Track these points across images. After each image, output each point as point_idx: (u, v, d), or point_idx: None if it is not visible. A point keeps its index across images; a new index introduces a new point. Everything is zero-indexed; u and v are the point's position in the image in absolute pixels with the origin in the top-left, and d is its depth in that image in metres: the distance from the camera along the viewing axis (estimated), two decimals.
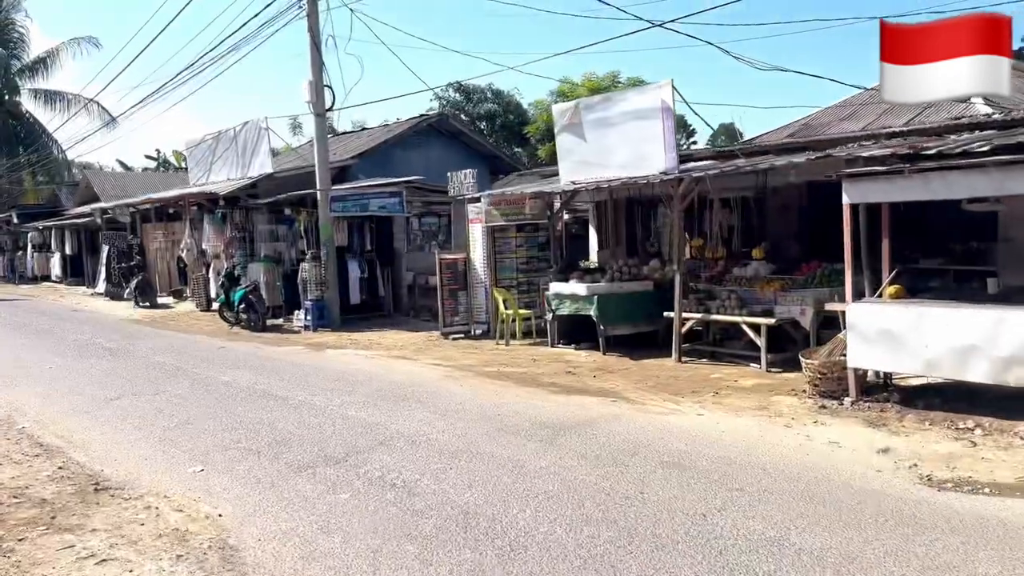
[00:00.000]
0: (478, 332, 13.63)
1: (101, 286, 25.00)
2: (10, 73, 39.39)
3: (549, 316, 11.87)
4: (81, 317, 19.25)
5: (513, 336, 12.60)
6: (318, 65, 14.96)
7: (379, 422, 7.59)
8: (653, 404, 8.15)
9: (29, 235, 32.49)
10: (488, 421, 7.52)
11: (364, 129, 21.39)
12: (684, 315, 10.27)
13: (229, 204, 18.02)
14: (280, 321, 16.24)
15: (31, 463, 6.73)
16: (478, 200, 13.42)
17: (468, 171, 13.44)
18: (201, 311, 19.10)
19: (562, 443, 6.67)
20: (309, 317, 15.15)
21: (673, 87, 9.90)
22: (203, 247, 18.95)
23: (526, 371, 10.25)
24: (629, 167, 10.65)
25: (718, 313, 10.09)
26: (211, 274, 19.07)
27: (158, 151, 50.82)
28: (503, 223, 13.06)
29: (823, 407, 7.63)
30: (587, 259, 14.05)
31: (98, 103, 37.26)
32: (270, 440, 7.09)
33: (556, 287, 11.71)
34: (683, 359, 10.35)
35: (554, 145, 36.41)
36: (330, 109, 15.15)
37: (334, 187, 15.47)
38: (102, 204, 25.48)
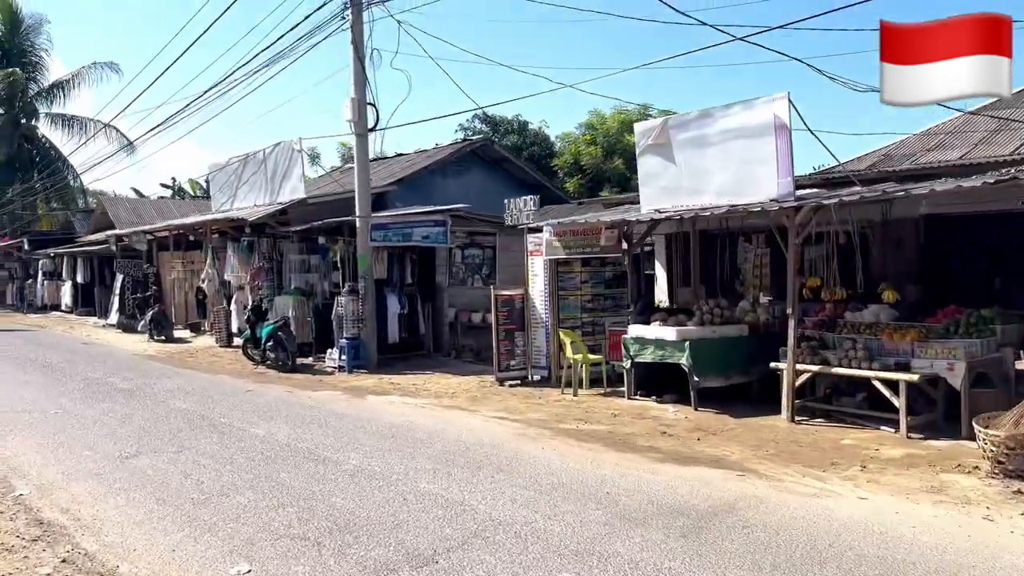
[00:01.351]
0: (536, 378, 12.13)
1: (114, 317, 23.65)
2: (27, 96, 38.62)
3: (627, 364, 10.37)
4: (93, 351, 17.85)
5: (580, 384, 11.09)
6: (361, 81, 13.69)
7: (461, 501, 6.07)
8: (792, 481, 6.62)
9: (40, 262, 31.27)
10: (599, 504, 5.99)
11: (400, 155, 20.18)
12: (798, 366, 8.77)
13: (256, 232, 16.70)
14: (310, 360, 14.80)
15: (28, 551, 5.24)
16: (538, 230, 12.02)
17: (529, 197, 12.07)
18: (221, 347, 17.67)
19: (712, 540, 5.14)
20: (344, 357, 13.69)
21: (790, 101, 8.52)
22: (225, 278, 17.60)
23: (611, 430, 8.73)
24: (729, 193, 9.24)
25: (841, 365, 8.57)
26: (233, 307, 17.69)
27: (173, 179, 49.93)
28: (566, 256, 11.63)
29: (1019, 492, 6.08)
30: (653, 298, 12.59)
31: (115, 128, 36.39)
32: (330, 524, 5.58)
33: (637, 330, 10.22)
34: (796, 419, 8.82)
35: (582, 179, 35.03)
36: (373, 129, 13.85)
37: (375, 214, 14.11)
38: (117, 231, 24.24)
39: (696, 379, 9.51)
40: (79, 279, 28.07)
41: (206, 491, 6.48)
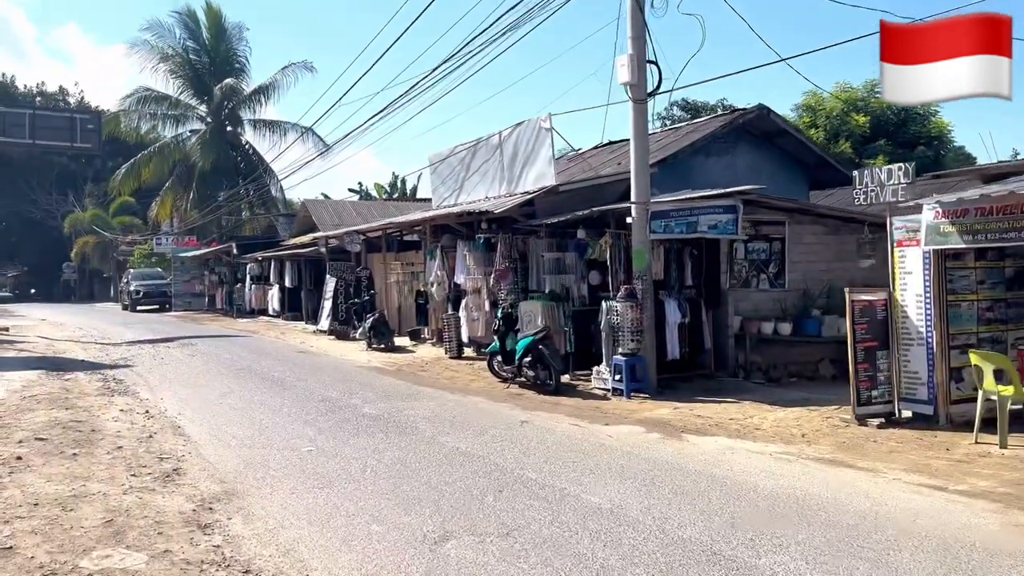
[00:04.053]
0: (907, 414, 8.86)
1: (324, 323, 22.49)
2: (234, 102, 39.41)
3: None
4: (313, 362, 16.34)
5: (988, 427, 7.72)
6: (640, 32, 10.95)
7: None
8: None
9: (248, 266, 31.23)
10: None
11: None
12: None
13: (493, 227, 14.46)
14: (566, 378, 12.24)
15: None
16: (912, 212, 8.75)
17: (896, 166, 8.81)
18: (451, 358, 15.59)
19: None
20: (620, 377, 11.03)
21: None
22: (456, 280, 15.52)
23: None
24: None
25: None
26: (463, 313, 15.58)
27: (360, 184, 50.11)
28: (965, 246, 8.27)
29: None
30: None
31: (313, 131, 36.22)
32: None
33: None
34: None
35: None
36: (654, 93, 11.10)
37: (653, 200, 11.34)
38: (329, 232, 23.12)
39: None
40: (287, 283, 27.46)
41: None
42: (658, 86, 11.06)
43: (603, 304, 11.69)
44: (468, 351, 15.96)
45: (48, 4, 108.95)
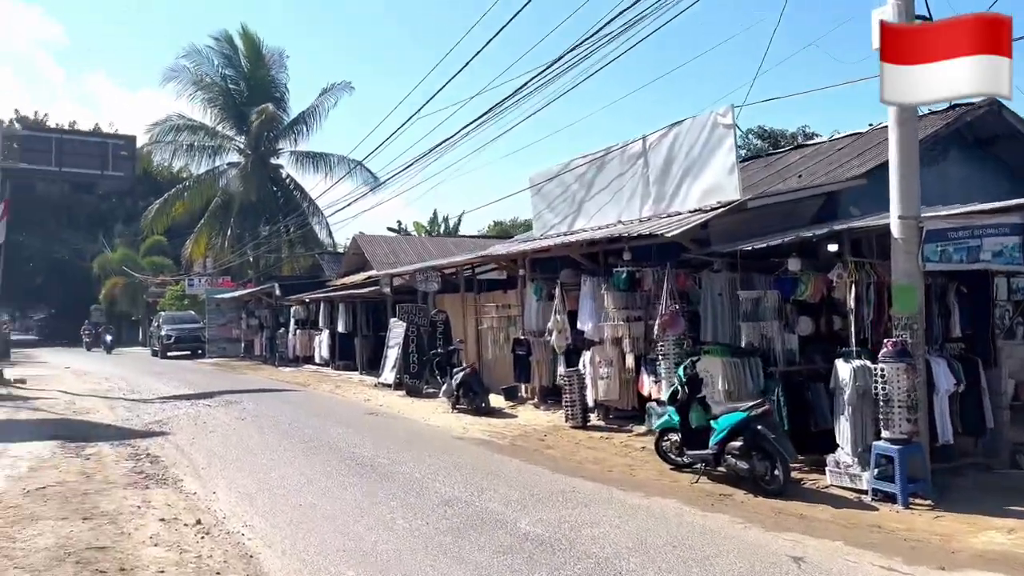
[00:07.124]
0: None
1: (389, 375, 19.09)
2: (274, 132, 36.74)
3: None
4: (394, 429, 12.92)
5: None
6: None
7: None
8: None
9: (292, 309, 28.03)
10: None
11: (801, 145, 13.83)
12: None
13: (637, 259, 11.08)
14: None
15: None
16: None
17: None
18: (573, 427, 12.08)
19: None
20: (881, 472, 7.47)
21: None
22: (583, 326, 12.10)
23: None
24: None
25: None
26: (586, 369, 12.15)
27: (399, 222, 46.98)
28: None
29: None
30: None
31: (364, 165, 33.32)
32: None
33: None
34: None
35: None
36: None
37: (924, 215, 7.89)
38: (395, 269, 19.88)
39: None
40: (339, 328, 24.17)
41: None
42: None
43: (839, 364, 8.20)
44: (592, 417, 12.49)
45: (75, 49, 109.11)
